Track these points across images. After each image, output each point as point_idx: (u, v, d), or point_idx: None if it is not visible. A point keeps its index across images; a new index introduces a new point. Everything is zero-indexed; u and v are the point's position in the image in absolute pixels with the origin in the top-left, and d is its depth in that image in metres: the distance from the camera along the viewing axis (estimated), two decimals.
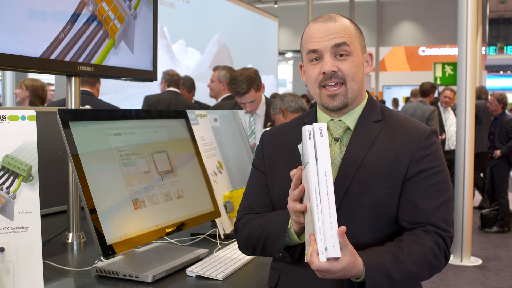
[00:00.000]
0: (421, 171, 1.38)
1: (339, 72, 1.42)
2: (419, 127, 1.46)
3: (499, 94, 6.94)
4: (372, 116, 1.47)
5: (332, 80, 1.42)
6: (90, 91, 4.10)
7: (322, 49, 1.42)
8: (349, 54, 1.42)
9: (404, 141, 1.42)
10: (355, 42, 1.45)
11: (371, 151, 1.41)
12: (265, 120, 3.71)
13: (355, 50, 1.44)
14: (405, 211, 1.37)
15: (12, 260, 1.35)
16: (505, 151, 6.72)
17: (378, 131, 1.44)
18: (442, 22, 19.80)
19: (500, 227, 6.69)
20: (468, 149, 5.32)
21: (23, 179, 1.39)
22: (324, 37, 1.42)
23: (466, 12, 5.26)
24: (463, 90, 5.32)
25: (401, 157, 1.39)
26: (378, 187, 1.37)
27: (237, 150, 2.54)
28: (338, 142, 1.45)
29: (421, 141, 1.41)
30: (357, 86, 1.44)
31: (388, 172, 1.38)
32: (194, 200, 1.92)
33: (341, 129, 1.46)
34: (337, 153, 1.44)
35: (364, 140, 1.43)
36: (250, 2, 10.39)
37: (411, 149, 1.40)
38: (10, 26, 1.73)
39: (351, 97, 1.44)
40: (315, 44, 1.43)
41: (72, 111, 1.62)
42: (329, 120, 1.48)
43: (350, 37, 1.43)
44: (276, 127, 1.64)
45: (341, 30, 1.43)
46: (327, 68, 1.41)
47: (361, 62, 1.46)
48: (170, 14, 7.27)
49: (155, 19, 2.36)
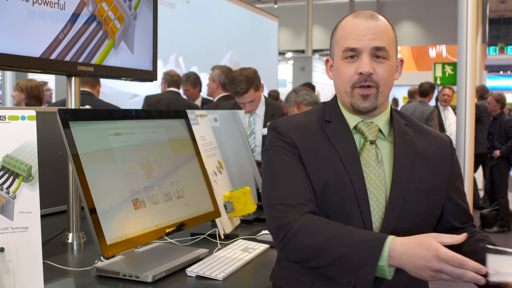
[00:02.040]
0: (458, 175, 1.49)
1: (374, 75, 1.38)
2: (438, 132, 1.55)
3: (497, 94, 6.95)
4: (401, 120, 1.48)
5: (367, 82, 1.38)
6: (90, 92, 4.10)
7: (362, 48, 1.37)
8: (386, 58, 1.38)
9: (438, 145, 1.47)
10: (393, 47, 1.41)
11: (416, 156, 1.41)
12: (265, 120, 3.71)
13: (391, 55, 1.40)
14: (456, 214, 1.46)
15: (12, 260, 1.35)
16: (504, 151, 6.72)
17: (412, 134, 1.45)
18: (442, 22, 19.79)
19: (500, 227, 6.68)
20: (468, 149, 5.32)
21: (23, 179, 1.39)
22: (366, 35, 1.37)
23: (466, 12, 5.26)
24: (463, 90, 5.33)
25: (442, 162, 1.45)
26: (430, 194, 1.40)
27: (237, 150, 2.54)
28: (373, 145, 1.41)
29: (452, 146, 1.50)
30: (387, 91, 1.42)
31: (434, 178, 1.42)
32: (194, 200, 1.92)
33: (374, 131, 1.43)
34: (374, 156, 1.39)
35: (407, 144, 1.42)
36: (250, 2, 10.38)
37: (448, 155, 1.47)
38: (10, 26, 1.74)
39: (380, 100, 1.41)
40: (354, 42, 1.37)
41: (72, 111, 1.62)
42: (360, 121, 1.44)
43: (389, 41, 1.39)
44: (289, 119, 1.49)
45: (382, 31, 1.38)
46: (365, 70, 1.36)
47: (395, 67, 1.44)
48: (170, 14, 7.27)
49: (155, 19, 2.36)
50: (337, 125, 1.44)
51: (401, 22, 20.84)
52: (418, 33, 20.93)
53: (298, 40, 20.38)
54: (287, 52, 19.52)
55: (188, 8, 7.80)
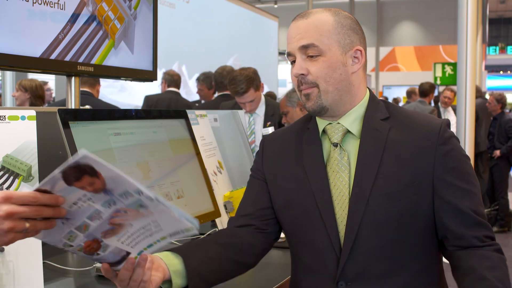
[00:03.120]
0: (451, 169, 1.28)
1: (309, 76, 1.31)
2: (432, 120, 1.34)
3: (498, 94, 6.95)
4: (377, 114, 1.35)
5: (303, 85, 1.33)
6: (90, 92, 4.10)
7: (292, 51, 1.33)
8: (320, 54, 1.30)
9: (420, 137, 1.30)
10: (331, 39, 1.30)
11: (386, 154, 1.29)
12: (265, 119, 3.72)
13: (328, 49, 1.30)
14: (452, 215, 1.28)
15: (12, 260, 1.35)
16: (504, 151, 6.72)
17: (388, 129, 1.32)
18: (442, 22, 19.80)
19: (500, 227, 6.69)
20: (468, 149, 5.32)
21: (23, 179, 1.39)
22: (294, 37, 1.32)
23: (466, 12, 5.26)
24: (463, 90, 5.33)
25: (422, 156, 1.28)
26: (403, 195, 1.26)
27: (237, 150, 2.54)
28: (337, 148, 1.34)
29: (440, 135, 1.29)
30: (332, 87, 1.31)
31: (411, 176, 1.27)
32: (194, 200, 1.92)
33: (340, 132, 1.35)
34: (338, 160, 1.33)
35: (375, 141, 1.31)
36: (250, 2, 10.38)
37: (432, 145, 1.28)
38: (10, 26, 1.74)
39: (326, 99, 1.32)
40: (288, 46, 1.34)
41: (72, 111, 1.62)
42: (327, 124, 1.37)
43: (321, 36, 1.29)
44: (277, 132, 1.55)
45: (309, 28, 1.30)
46: (294, 72, 1.33)
47: (339, 60, 1.31)
48: (170, 14, 7.27)
49: (155, 19, 2.36)
50: (312, 131, 1.41)
51: (401, 22, 20.86)
52: (418, 33, 20.94)
53: None
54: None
55: (188, 8, 7.80)
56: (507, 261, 1.29)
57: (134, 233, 1.06)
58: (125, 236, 1.06)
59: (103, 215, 1.02)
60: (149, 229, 1.05)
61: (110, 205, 1.01)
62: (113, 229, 1.05)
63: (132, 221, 1.03)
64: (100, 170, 0.97)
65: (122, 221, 1.03)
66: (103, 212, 1.02)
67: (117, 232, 1.05)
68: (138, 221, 1.04)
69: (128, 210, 1.02)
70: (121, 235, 1.06)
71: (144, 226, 1.05)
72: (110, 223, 1.03)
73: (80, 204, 1.01)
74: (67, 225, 1.03)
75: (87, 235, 1.04)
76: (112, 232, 1.05)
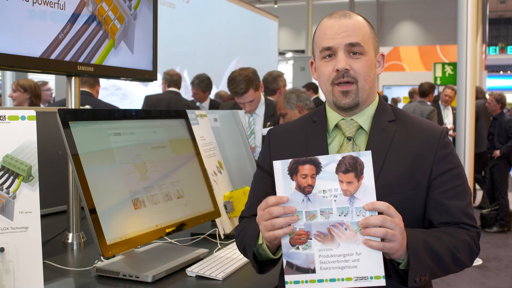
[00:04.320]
0: (446, 171, 1.40)
1: (352, 71, 1.40)
2: (434, 126, 1.48)
3: (497, 94, 6.95)
4: (385, 116, 1.47)
5: (345, 78, 1.41)
6: (89, 92, 4.11)
7: (336, 46, 1.41)
8: (363, 54, 1.41)
9: (422, 140, 1.42)
10: (369, 42, 1.43)
11: (390, 152, 1.40)
12: (265, 120, 3.71)
13: (368, 50, 1.42)
14: (437, 213, 1.39)
15: (12, 260, 1.35)
16: (504, 151, 6.72)
17: (394, 131, 1.44)
18: (442, 22, 19.81)
19: (500, 227, 6.68)
20: (468, 149, 5.32)
21: (23, 179, 1.39)
22: (339, 33, 1.40)
23: (466, 12, 5.26)
24: (463, 90, 5.33)
25: (422, 157, 1.40)
26: (402, 188, 1.37)
27: (237, 150, 2.54)
28: (350, 142, 1.44)
29: (440, 140, 1.42)
30: (368, 85, 1.43)
31: (411, 173, 1.38)
32: (194, 200, 1.92)
33: (354, 128, 1.45)
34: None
35: (382, 140, 1.42)
36: (250, 2, 10.39)
37: (432, 149, 1.41)
38: (10, 26, 1.74)
39: (362, 96, 1.43)
40: (329, 41, 1.41)
41: (72, 111, 1.62)
42: (341, 119, 1.47)
43: (364, 37, 1.42)
44: (283, 124, 1.62)
45: (355, 28, 1.41)
46: (340, 66, 1.39)
47: (374, 62, 1.45)
48: (170, 14, 7.27)
49: (155, 19, 2.36)
50: (318, 124, 1.50)
51: (401, 22, 20.85)
52: (418, 33, 20.94)
53: (298, 40, 20.38)
54: (287, 52, 19.51)
55: (188, 8, 7.80)
56: (507, 260, 1.31)
57: (334, 255, 1.07)
58: (327, 252, 1.07)
59: (331, 218, 1.05)
60: (347, 260, 1.06)
61: (343, 213, 1.04)
62: (325, 237, 1.06)
63: (343, 241, 1.05)
64: (364, 175, 1.03)
65: (337, 235, 1.06)
66: (333, 214, 1.05)
67: (326, 241, 1.07)
68: (345, 246, 1.06)
69: (348, 228, 1.04)
70: (325, 248, 1.07)
71: (346, 254, 1.06)
72: (328, 229, 1.05)
73: (327, 194, 1.05)
74: (303, 204, 1.07)
75: (307, 225, 1.07)
76: (322, 239, 1.07)
